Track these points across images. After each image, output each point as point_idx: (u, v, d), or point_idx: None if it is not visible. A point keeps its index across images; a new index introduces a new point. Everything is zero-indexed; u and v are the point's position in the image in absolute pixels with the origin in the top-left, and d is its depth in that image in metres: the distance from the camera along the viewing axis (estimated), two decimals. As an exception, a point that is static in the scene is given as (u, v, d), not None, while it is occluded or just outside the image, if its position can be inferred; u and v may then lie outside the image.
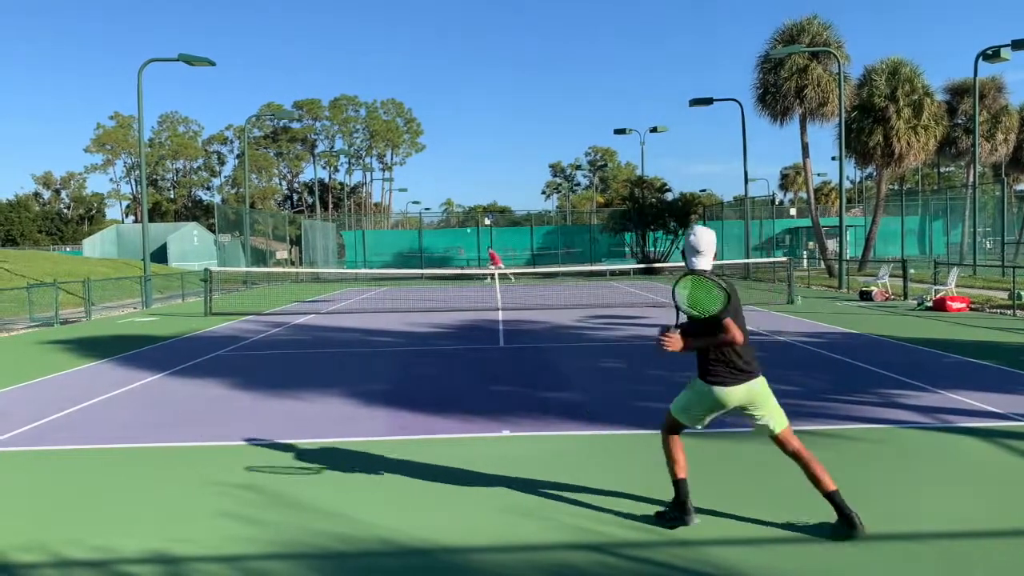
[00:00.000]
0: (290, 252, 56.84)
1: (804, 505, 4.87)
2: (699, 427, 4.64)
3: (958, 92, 37.83)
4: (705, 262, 4.45)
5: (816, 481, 4.36)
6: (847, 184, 46.73)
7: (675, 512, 4.58)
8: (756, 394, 4.37)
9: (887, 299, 19.86)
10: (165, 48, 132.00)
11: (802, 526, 4.49)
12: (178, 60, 22.71)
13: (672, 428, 4.68)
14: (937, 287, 18.38)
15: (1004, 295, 18.37)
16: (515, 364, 10.85)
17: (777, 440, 4.46)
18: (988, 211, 38.95)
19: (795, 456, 4.43)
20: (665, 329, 4.36)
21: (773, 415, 4.42)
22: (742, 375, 4.34)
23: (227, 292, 28.41)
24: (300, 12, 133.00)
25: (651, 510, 4.81)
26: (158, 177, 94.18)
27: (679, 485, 4.59)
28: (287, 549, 4.32)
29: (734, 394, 4.35)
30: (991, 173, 45.55)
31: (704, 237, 4.49)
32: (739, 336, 4.22)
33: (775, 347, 11.87)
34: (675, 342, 4.30)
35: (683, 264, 4.63)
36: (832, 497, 4.32)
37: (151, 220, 67.64)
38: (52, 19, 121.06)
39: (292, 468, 5.93)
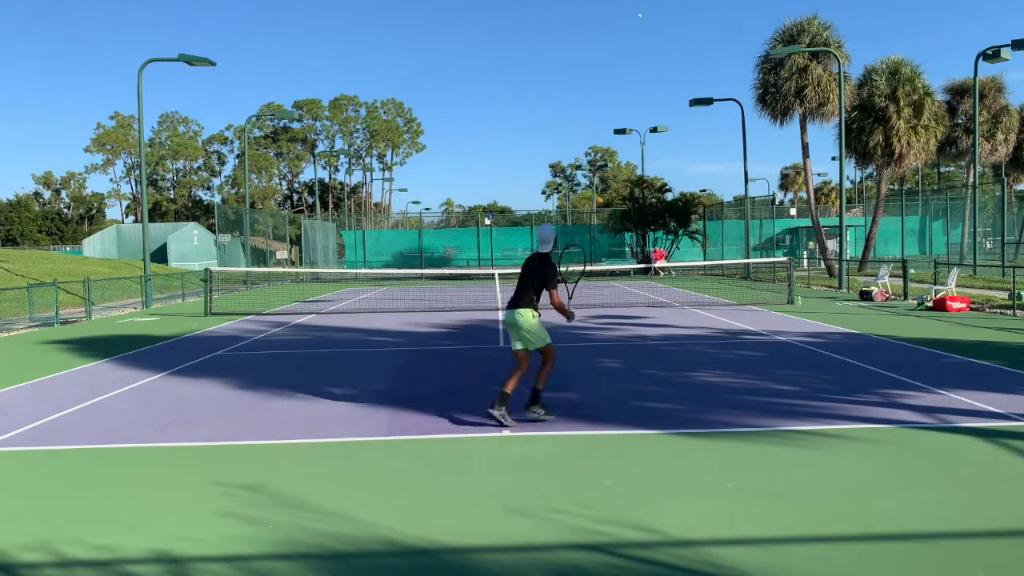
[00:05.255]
0: (290, 252, 56.82)
1: (805, 505, 4.88)
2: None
3: (958, 92, 37.81)
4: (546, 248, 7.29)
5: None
6: (847, 184, 46.78)
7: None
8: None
9: (887, 299, 19.87)
10: (165, 48, 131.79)
11: (802, 526, 4.50)
12: (178, 60, 22.71)
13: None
14: (937, 287, 18.39)
15: (1004, 295, 18.38)
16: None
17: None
18: (988, 211, 38.97)
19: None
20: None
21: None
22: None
23: (227, 292, 28.42)
24: (300, 12, 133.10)
25: (652, 510, 4.82)
26: (158, 177, 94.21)
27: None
28: (288, 549, 4.32)
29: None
30: (991, 173, 45.54)
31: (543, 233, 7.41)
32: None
33: (775, 347, 11.87)
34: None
35: (683, 263, 4.86)
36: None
37: (151, 220, 67.70)
38: (52, 19, 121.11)
39: (293, 468, 5.94)
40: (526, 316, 7.06)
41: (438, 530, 4.55)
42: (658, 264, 35.38)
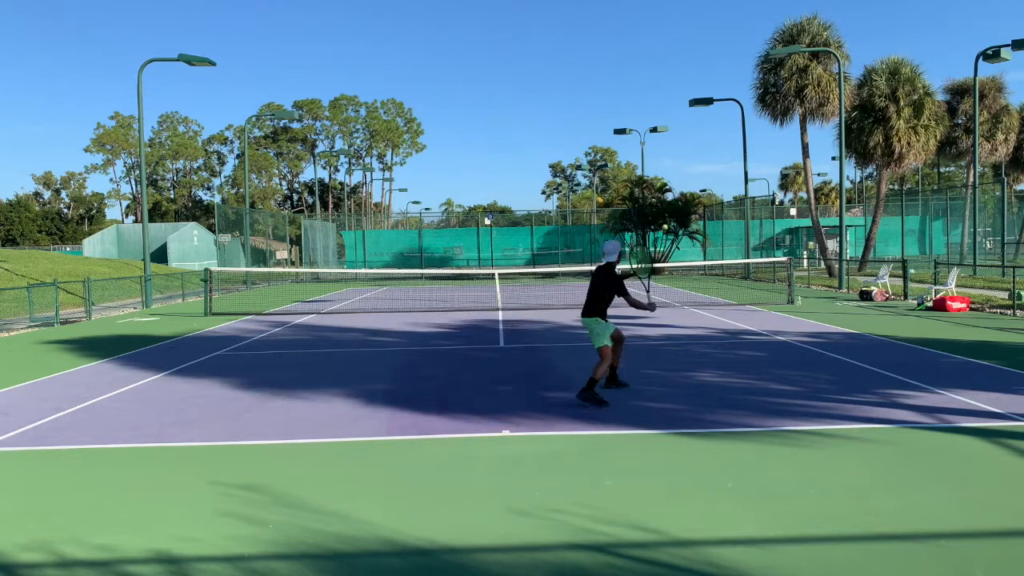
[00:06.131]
0: (290, 252, 56.83)
1: (805, 505, 4.88)
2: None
3: (958, 92, 37.82)
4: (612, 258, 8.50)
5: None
6: (847, 184, 46.76)
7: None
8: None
9: (887, 299, 19.86)
10: (165, 48, 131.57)
11: (802, 526, 4.50)
12: (178, 60, 22.72)
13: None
14: (937, 287, 18.39)
15: (1004, 295, 18.38)
16: (515, 364, 10.86)
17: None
18: (988, 211, 39.00)
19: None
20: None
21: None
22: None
23: (227, 292, 28.42)
24: (300, 12, 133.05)
25: (652, 510, 4.82)
26: (158, 177, 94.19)
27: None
28: (288, 549, 4.32)
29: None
30: (991, 173, 45.56)
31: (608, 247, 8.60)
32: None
33: (775, 347, 11.87)
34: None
35: (683, 263, 4.86)
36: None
37: (151, 220, 67.75)
38: (52, 19, 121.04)
39: (293, 468, 5.94)
40: (589, 322, 8.35)
41: (438, 530, 4.55)
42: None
